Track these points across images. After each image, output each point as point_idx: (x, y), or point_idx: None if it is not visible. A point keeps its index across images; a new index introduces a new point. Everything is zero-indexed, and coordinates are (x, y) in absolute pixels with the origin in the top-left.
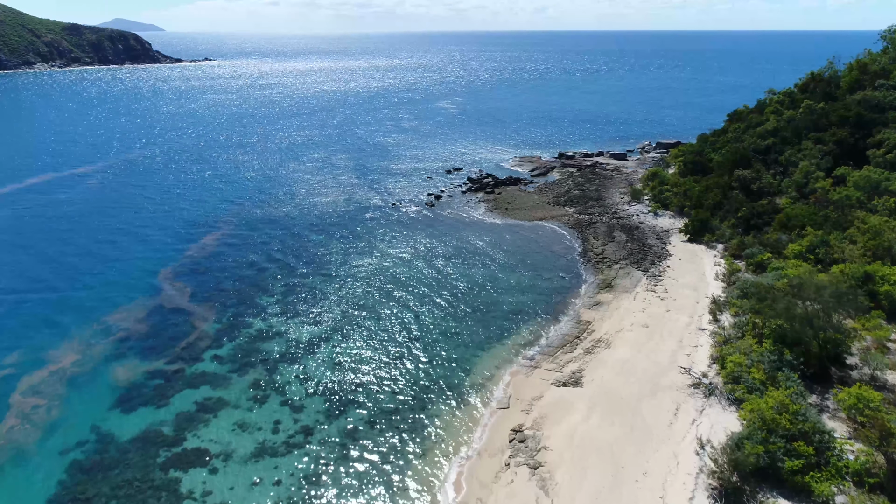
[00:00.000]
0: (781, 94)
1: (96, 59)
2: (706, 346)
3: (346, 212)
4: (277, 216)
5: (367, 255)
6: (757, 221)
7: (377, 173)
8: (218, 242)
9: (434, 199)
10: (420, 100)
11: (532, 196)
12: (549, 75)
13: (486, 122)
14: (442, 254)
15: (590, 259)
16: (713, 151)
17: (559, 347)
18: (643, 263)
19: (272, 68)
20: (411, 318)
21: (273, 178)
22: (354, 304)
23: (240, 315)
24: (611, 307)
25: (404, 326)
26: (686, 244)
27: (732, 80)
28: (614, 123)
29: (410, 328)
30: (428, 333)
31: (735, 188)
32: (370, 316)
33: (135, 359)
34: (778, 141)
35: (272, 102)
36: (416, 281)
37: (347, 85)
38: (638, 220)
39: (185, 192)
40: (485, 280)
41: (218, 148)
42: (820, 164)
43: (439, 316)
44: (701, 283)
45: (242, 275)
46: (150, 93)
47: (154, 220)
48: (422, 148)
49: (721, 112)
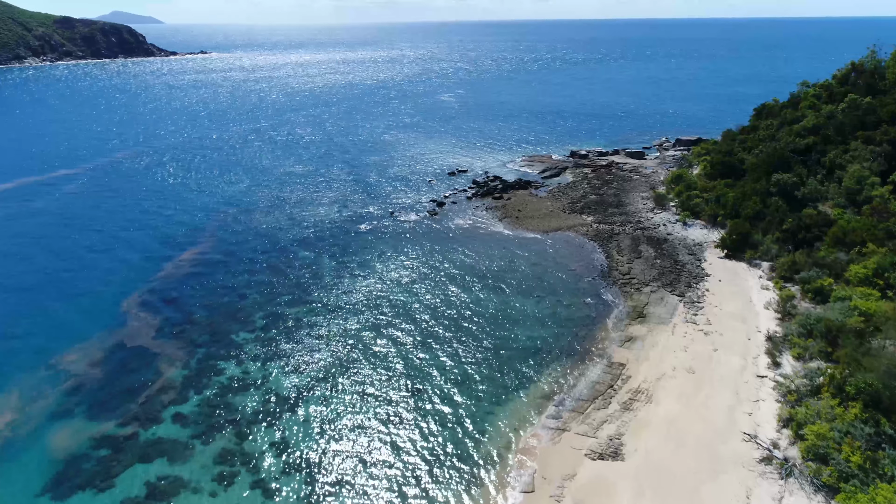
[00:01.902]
0: (817, 86)
1: (89, 53)
2: (769, 400)
3: (340, 222)
4: (263, 228)
5: (362, 277)
6: (806, 235)
7: (375, 175)
8: (195, 261)
9: (437, 207)
10: (421, 92)
11: (544, 202)
12: (553, 65)
13: (489, 117)
14: (446, 275)
15: (615, 280)
16: (744, 151)
17: (590, 401)
18: (677, 286)
19: (269, 61)
20: (412, 363)
21: (262, 182)
22: (345, 342)
23: (211, 357)
24: (646, 344)
25: (403, 374)
26: (724, 261)
27: (745, 69)
28: (625, 117)
29: (411, 376)
30: (432, 384)
31: (774, 194)
32: (363, 360)
33: (82, 418)
34: (819, 140)
35: (267, 97)
36: (416, 311)
37: (346, 77)
38: (665, 230)
39: (164, 200)
40: (496, 309)
41: (205, 148)
42: (872, 167)
43: (445, 359)
44: (749, 312)
45: (218, 303)
46: (140, 88)
47: (127, 233)
48: (423, 146)
49: (737, 103)
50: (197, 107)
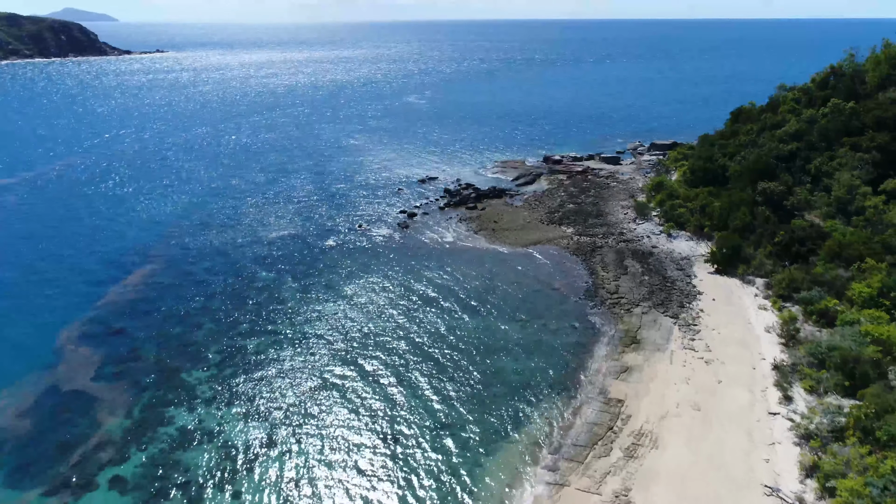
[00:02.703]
0: (797, 90)
1: (36, 52)
2: (786, 442)
3: (304, 237)
4: (220, 245)
5: (329, 301)
6: (799, 249)
7: (340, 184)
8: (143, 284)
9: (407, 219)
10: (387, 94)
11: (521, 212)
12: (520, 66)
13: (459, 120)
14: (421, 297)
15: (603, 300)
16: (724, 157)
17: (589, 447)
18: (669, 306)
19: (227, 60)
20: (388, 404)
21: (218, 193)
22: (312, 380)
23: (158, 402)
24: (644, 375)
25: (378, 417)
26: (715, 277)
27: (715, 70)
28: (596, 120)
29: (387, 420)
30: (411, 428)
31: (760, 204)
32: (333, 401)
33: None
34: (803, 146)
35: (224, 98)
36: (390, 341)
37: (308, 78)
38: (650, 243)
39: (110, 215)
40: (478, 336)
41: (157, 154)
42: (861, 175)
43: (425, 398)
44: (749, 335)
45: (169, 334)
46: (89, 89)
47: (67, 253)
48: (391, 151)
49: (711, 105)
50: (150, 109)
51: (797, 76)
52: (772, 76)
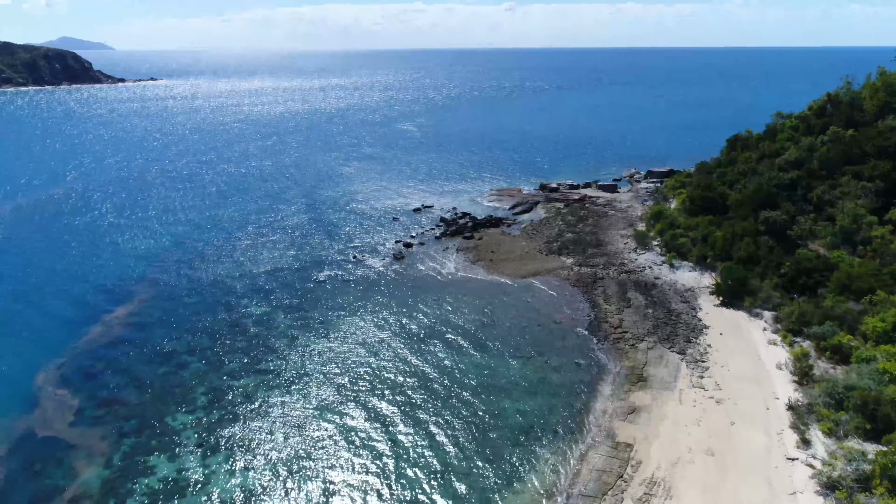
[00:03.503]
0: (794, 117)
1: (30, 80)
2: (808, 492)
3: (297, 269)
4: (209, 278)
5: (322, 338)
6: (807, 281)
7: (334, 213)
8: (127, 321)
9: (403, 249)
10: (380, 121)
11: (518, 241)
12: (510, 94)
13: (452, 147)
14: (418, 333)
15: (606, 334)
16: (724, 185)
17: (598, 497)
18: (676, 341)
19: (222, 88)
20: (384, 452)
21: (209, 224)
22: (303, 425)
23: (140, 450)
24: (653, 416)
25: (374, 468)
26: (721, 310)
27: (707, 97)
28: (591, 146)
29: (383, 472)
30: (409, 480)
31: (762, 233)
32: (326, 449)
33: None
34: (804, 174)
35: (218, 127)
36: (386, 381)
37: (303, 105)
38: (652, 274)
39: (95, 246)
40: (478, 374)
41: (146, 183)
42: (865, 204)
43: (422, 444)
44: (760, 372)
45: (153, 376)
46: (81, 117)
47: (48, 287)
48: (385, 179)
49: (703, 130)
50: (140, 137)
51: (791, 103)
52: (764, 102)
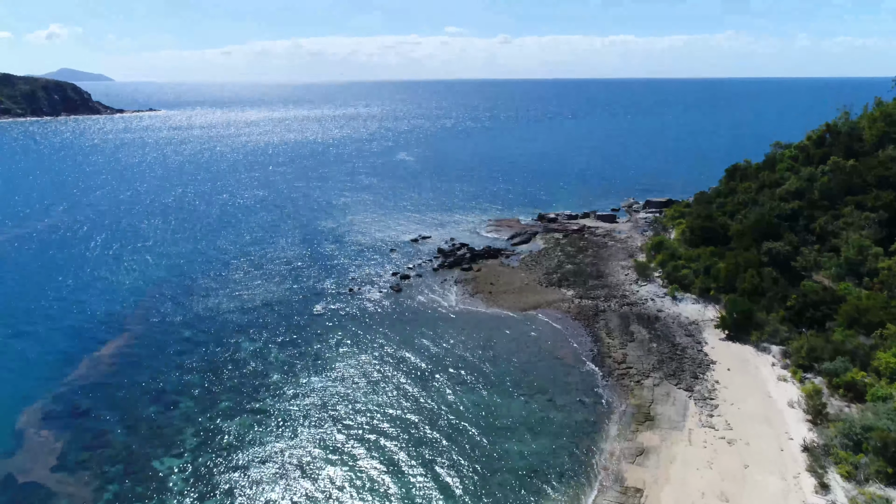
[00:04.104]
0: (794, 147)
1: (28, 111)
2: None
3: (292, 302)
4: (202, 312)
5: (317, 375)
6: (814, 314)
7: (331, 244)
8: (115, 357)
9: (400, 281)
10: (378, 151)
11: (518, 273)
12: (506, 123)
13: (450, 177)
14: (416, 370)
15: (610, 370)
16: (724, 215)
17: None
18: (682, 377)
19: (221, 119)
20: (382, 497)
21: (203, 255)
22: (296, 469)
23: (125, 497)
24: (662, 458)
25: None
26: (727, 344)
27: (698, 125)
28: (588, 176)
29: None
30: None
31: (766, 264)
32: (322, 495)
33: None
34: (805, 205)
35: (214, 157)
36: (384, 421)
37: (300, 136)
38: (655, 306)
39: (84, 280)
40: (479, 414)
41: (139, 215)
42: (869, 235)
43: (422, 490)
44: (771, 411)
45: (140, 415)
46: (76, 147)
47: (35, 322)
48: (382, 209)
49: (699, 160)
50: (134, 167)
51: (784, 132)
52: (758, 131)
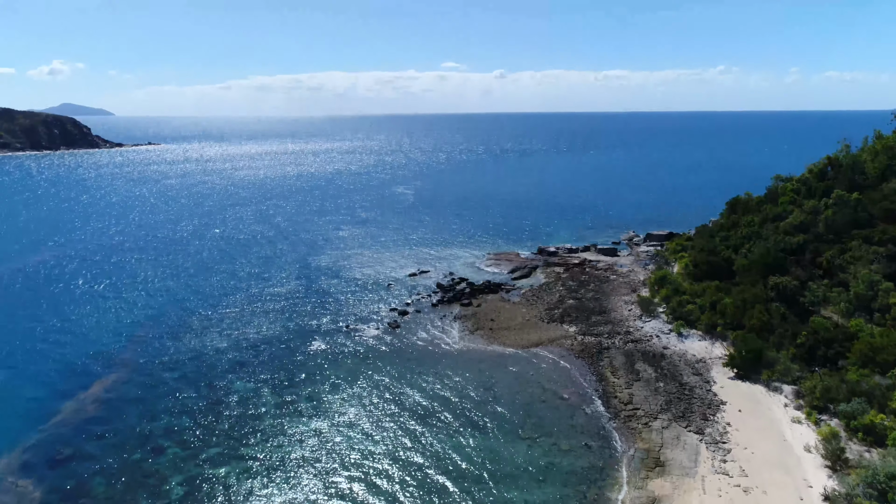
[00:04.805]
0: (795, 180)
1: (28, 145)
2: None
3: (286, 340)
4: (194, 350)
5: (312, 418)
6: (826, 352)
7: (327, 279)
8: (102, 399)
9: (398, 317)
10: (375, 185)
11: (519, 308)
12: (503, 156)
13: (448, 211)
14: (414, 412)
15: (616, 411)
16: (728, 249)
17: None
18: (692, 418)
19: (219, 152)
20: None
21: (197, 292)
22: None
23: None
24: None
25: None
26: (737, 383)
27: (693, 158)
28: (587, 209)
29: None
30: None
31: (773, 299)
32: None
33: None
34: (810, 238)
35: (211, 191)
36: (380, 468)
37: (298, 169)
38: (660, 343)
39: (73, 317)
40: (480, 459)
41: (133, 250)
42: (877, 269)
43: None
44: (788, 456)
45: (124, 463)
46: (73, 181)
47: (19, 362)
48: (380, 244)
49: (697, 192)
50: (131, 202)
51: (779, 164)
52: (752, 163)
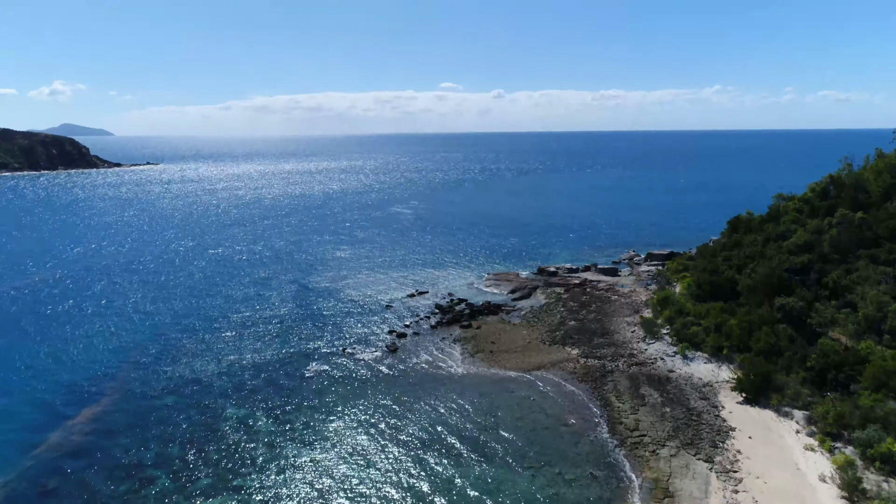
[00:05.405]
0: (797, 199)
1: (26, 165)
2: None
3: (282, 364)
4: (186, 375)
5: (306, 447)
6: (837, 375)
7: (325, 300)
8: (91, 426)
9: (397, 340)
10: (374, 204)
11: (519, 330)
12: (501, 176)
13: (447, 230)
14: (414, 440)
15: (623, 438)
16: (731, 269)
17: None
18: (700, 446)
19: (218, 172)
20: None
21: (192, 313)
22: None
23: None
24: None
25: None
26: (745, 408)
27: (690, 178)
28: (586, 228)
29: None
30: None
31: (780, 321)
32: None
33: None
34: (815, 258)
35: (209, 211)
36: (379, 500)
37: (295, 189)
38: (665, 366)
39: (65, 340)
40: (482, 490)
41: (128, 271)
42: (887, 290)
43: None
44: (802, 487)
45: (112, 495)
46: (70, 201)
47: (8, 387)
48: (378, 264)
49: (692, 211)
50: (129, 222)
51: (776, 183)
52: (750, 182)
